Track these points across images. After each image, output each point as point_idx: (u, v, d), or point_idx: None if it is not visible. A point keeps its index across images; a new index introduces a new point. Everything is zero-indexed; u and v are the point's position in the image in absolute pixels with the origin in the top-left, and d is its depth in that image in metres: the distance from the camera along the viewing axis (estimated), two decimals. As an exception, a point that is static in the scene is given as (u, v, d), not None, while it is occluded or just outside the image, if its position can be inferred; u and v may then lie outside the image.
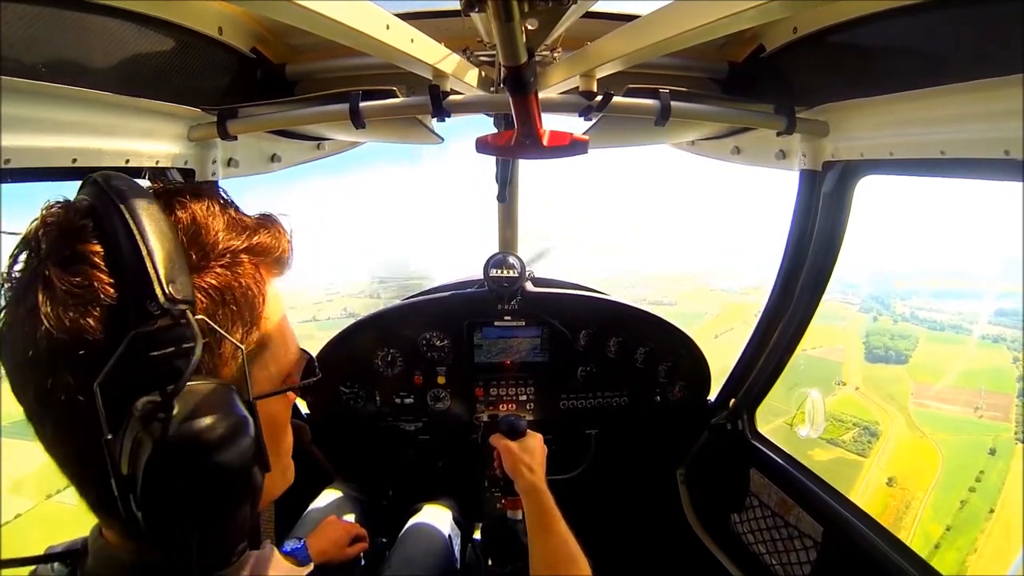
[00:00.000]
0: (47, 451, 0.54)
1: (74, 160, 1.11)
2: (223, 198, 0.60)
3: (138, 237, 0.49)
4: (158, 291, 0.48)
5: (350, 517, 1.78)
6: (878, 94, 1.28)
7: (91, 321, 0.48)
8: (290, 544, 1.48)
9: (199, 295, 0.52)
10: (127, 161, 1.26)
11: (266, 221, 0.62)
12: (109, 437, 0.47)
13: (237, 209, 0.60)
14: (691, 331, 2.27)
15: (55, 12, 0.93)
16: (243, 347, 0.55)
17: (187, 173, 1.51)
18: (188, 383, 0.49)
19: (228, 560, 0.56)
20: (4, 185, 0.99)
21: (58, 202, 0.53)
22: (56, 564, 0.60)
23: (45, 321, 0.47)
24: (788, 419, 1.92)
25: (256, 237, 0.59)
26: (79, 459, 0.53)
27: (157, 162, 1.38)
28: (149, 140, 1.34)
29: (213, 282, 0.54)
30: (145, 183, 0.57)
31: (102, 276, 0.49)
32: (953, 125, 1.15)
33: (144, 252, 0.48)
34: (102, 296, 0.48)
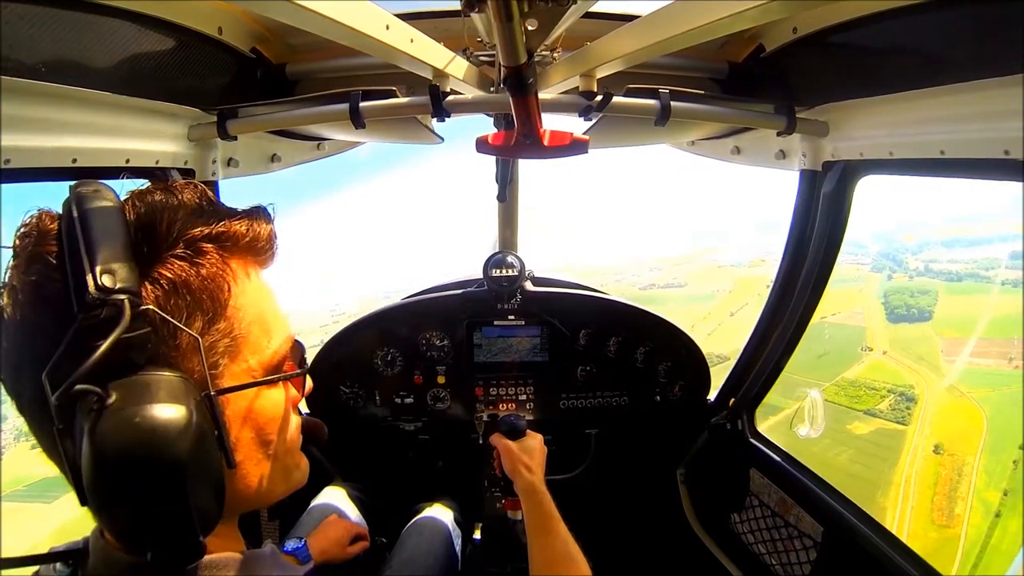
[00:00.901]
0: (47, 456, 0.56)
1: (74, 160, 1.11)
2: (195, 190, 0.59)
3: (79, 231, 0.50)
4: (89, 281, 0.48)
5: (350, 517, 1.78)
6: (878, 94, 1.28)
7: (41, 317, 0.50)
8: (291, 543, 1.47)
9: (149, 285, 0.53)
10: (127, 161, 1.26)
11: (244, 211, 0.61)
12: (61, 427, 0.48)
13: (211, 201, 0.60)
14: (706, 310, 2.26)
15: (55, 12, 0.93)
16: (201, 338, 0.54)
17: (187, 173, 1.51)
18: (139, 374, 0.50)
19: (188, 557, 0.53)
20: (4, 185, 0.99)
21: (35, 213, 0.55)
22: (58, 564, 0.60)
23: (8, 318, 0.51)
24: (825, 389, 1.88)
25: (222, 226, 0.58)
26: (54, 454, 0.55)
27: (157, 162, 1.38)
28: (149, 140, 1.34)
29: (166, 273, 0.54)
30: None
31: (53, 273, 0.51)
32: (953, 125, 1.15)
33: (81, 246, 0.50)
34: (50, 290, 0.50)
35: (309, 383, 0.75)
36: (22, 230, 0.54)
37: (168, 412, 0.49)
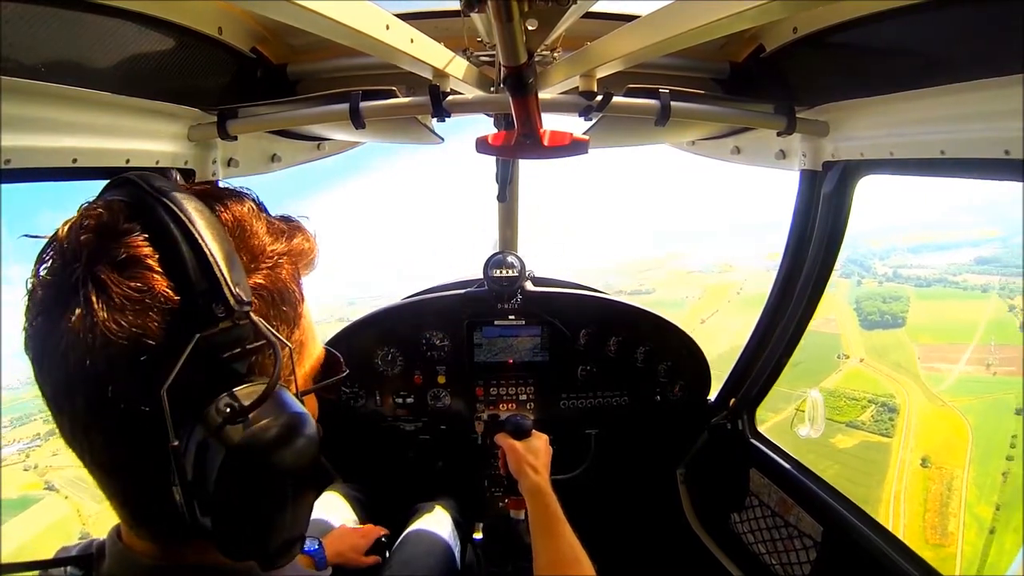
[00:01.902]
0: (89, 465, 0.52)
1: (74, 160, 1.11)
2: (255, 200, 0.59)
3: (199, 239, 0.48)
4: (227, 293, 0.47)
5: (350, 517, 1.78)
6: (878, 94, 1.28)
7: (152, 325, 0.46)
8: (307, 545, 1.46)
9: (253, 297, 0.52)
10: (127, 161, 1.26)
11: (297, 225, 0.62)
12: (175, 443, 0.46)
13: (267, 211, 0.60)
14: (675, 318, 2.26)
15: (55, 12, 0.93)
16: (292, 346, 0.56)
17: (187, 173, 1.51)
18: (249, 384, 0.49)
19: (290, 557, 0.55)
20: (4, 185, 0.99)
21: (97, 203, 0.51)
22: (69, 568, 0.59)
23: (102, 327, 0.45)
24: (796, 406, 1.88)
25: (294, 241, 0.59)
26: (130, 469, 0.52)
27: (157, 162, 1.38)
28: (149, 140, 1.34)
29: (262, 282, 0.54)
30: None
31: (160, 280, 0.47)
32: (953, 125, 1.15)
33: (208, 254, 0.47)
34: (163, 300, 0.47)
35: None
36: (88, 223, 0.49)
37: (297, 420, 0.50)
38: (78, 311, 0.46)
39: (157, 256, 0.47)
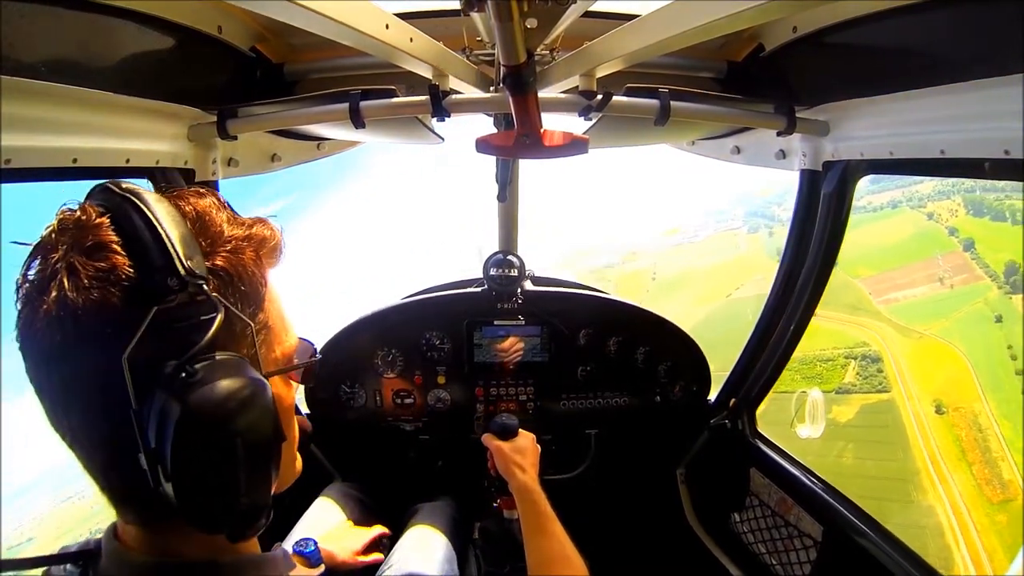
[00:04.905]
0: (72, 446, 0.55)
1: (74, 160, 1.11)
2: (220, 199, 0.64)
3: (155, 222, 0.53)
4: (178, 266, 0.51)
5: (350, 517, 1.78)
6: (878, 94, 1.28)
7: (113, 299, 0.51)
8: (301, 544, 1.46)
9: (211, 276, 0.56)
10: (127, 161, 1.26)
11: (260, 218, 0.66)
12: (136, 408, 0.50)
13: (232, 208, 0.65)
14: None
15: (55, 11, 0.93)
16: (253, 324, 0.59)
17: (187, 173, 1.51)
18: (209, 354, 0.53)
19: (256, 527, 0.58)
20: (4, 185, 0.99)
21: (71, 207, 0.57)
22: (68, 564, 0.61)
23: (72, 304, 0.50)
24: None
25: (254, 229, 0.63)
26: (105, 443, 0.55)
27: (157, 162, 1.38)
28: (149, 140, 1.34)
29: (222, 263, 0.58)
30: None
31: (122, 259, 0.52)
32: (953, 125, 1.15)
33: (163, 233, 0.52)
34: (123, 276, 0.52)
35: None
36: (65, 222, 0.55)
37: (253, 386, 0.54)
38: (53, 294, 0.51)
39: (120, 241, 0.53)
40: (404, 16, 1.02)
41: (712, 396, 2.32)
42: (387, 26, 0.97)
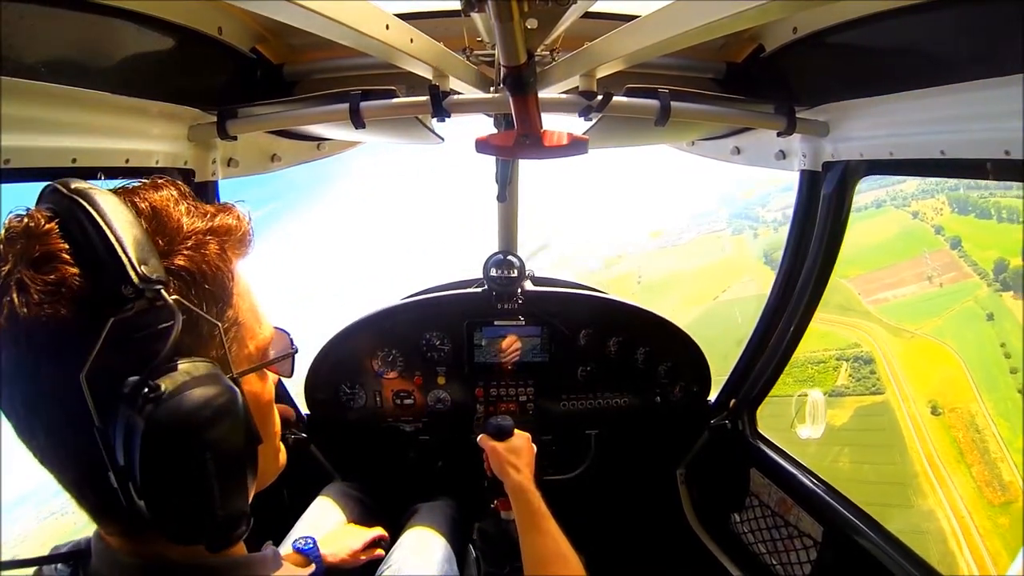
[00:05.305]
0: (44, 464, 0.54)
1: (74, 160, 1.11)
2: (181, 189, 0.60)
3: (104, 227, 0.49)
4: (131, 272, 0.48)
5: (350, 517, 1.78)
6: (878, 94, 1.28)
7: (65, 313, 0.48)
8: (300, 542, 1.46)
9: (171, 277, 0.53)
10: (127, 161, 1.26)
11: (225, 206, 0.63)
12: (100, 427, 0.48)
13: (195, 198, 0.61)
14: None
15: (55, 12, 0.93)
16: (220, 324, 0.56)
17: (187, 173, 1.51)
18: (176, 363, 0.50)
19: (234, 537, 0.55)
20: (4, 185, 0.99)
21: (18, 213, 0.53)
22: (60, 564, 0.61)
23: (24, 322, 0.48)
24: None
25: (217, 219, 0.60)
26: (74, 461, 0.53)
27: (157, 162, 1.38)
28: (149, 140, 1.34)
29: (183, 263, 0.55)
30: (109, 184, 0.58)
31: (71, 269, 0.49)
32: (953, 125, 1.15)
33: (112, 239, 0.49)
34: (74, 288, 0.49)
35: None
36: (10, 232, 0.52)
37: (220, 394, 0.51)
38: (5, 311, 0.48)
39: (69, 249, 0.50)
40: (404, 16, 1.02)
41: (712, 397, 2.32)
42: (387, 27, 0.97)
